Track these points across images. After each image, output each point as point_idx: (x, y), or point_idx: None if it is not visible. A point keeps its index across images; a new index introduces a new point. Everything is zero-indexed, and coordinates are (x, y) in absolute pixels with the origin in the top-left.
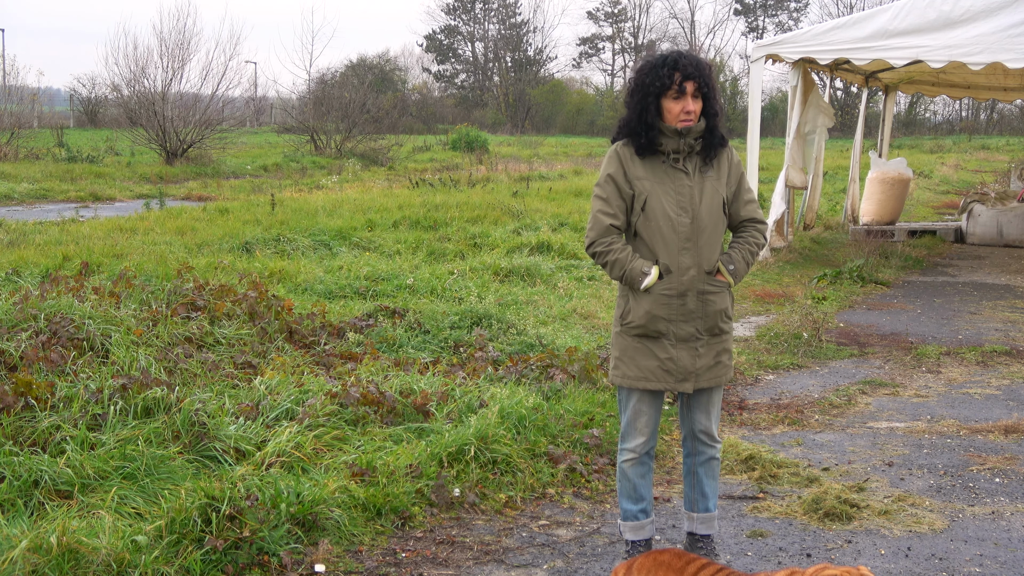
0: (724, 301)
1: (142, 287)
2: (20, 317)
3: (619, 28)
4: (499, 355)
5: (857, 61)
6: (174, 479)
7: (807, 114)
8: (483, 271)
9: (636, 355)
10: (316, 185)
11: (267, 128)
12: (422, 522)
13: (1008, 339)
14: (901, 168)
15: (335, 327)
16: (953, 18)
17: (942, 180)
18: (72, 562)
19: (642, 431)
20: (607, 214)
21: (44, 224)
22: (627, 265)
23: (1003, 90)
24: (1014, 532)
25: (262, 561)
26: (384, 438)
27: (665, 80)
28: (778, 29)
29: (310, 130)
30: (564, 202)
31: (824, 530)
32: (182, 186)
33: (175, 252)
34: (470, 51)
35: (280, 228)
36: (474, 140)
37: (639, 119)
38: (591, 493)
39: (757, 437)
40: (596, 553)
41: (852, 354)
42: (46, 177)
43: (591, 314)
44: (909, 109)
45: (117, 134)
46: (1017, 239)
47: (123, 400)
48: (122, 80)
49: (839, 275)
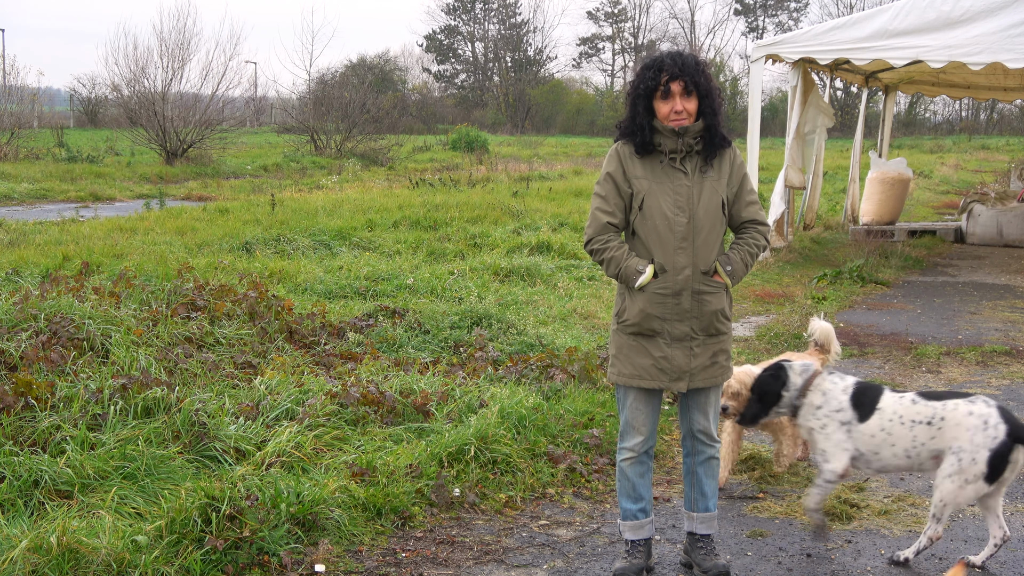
0: (720, 301)
1: (142, 287)
2: (20, 317)
3: (619, 28)
4: (499, 355)
5: (857, 61)
6: (174, 479)
7: (807, 114)
8: (483, 271)
9: (631, 353)
10: (316, 185)
11: (267, 128)
12: (422, 522)
13: (1008, 339)
14: (901, 168)
15: (335, 327)
16: (953, 18)
17: (942, 180)
18: (72, 562)
19: (640, 430)
20: (605, 212)
21: (44, 224)
22: (622, 263)
23: (1003, 90)
24: (1014, 532)
25: (262, 561)
26: (384, 438)
27: (651, 82)
28: (778, 29)
29: (310, 130)
30: (564, 202)
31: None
32: (182, 186)
33: (175, 252)
34: (470, 51)
35: (280, 228)
36: (474, 140)
37: (632, 120)
38: (591, 493)
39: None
40: (596, 553)
41: (852, 354)
42: (46, 177)
43: (591, 314)
44: (909, 109)
45: (117, 134)
46: (1017, 239)
47: (123, 400)
48: (122, 80)
49: (839, 275)
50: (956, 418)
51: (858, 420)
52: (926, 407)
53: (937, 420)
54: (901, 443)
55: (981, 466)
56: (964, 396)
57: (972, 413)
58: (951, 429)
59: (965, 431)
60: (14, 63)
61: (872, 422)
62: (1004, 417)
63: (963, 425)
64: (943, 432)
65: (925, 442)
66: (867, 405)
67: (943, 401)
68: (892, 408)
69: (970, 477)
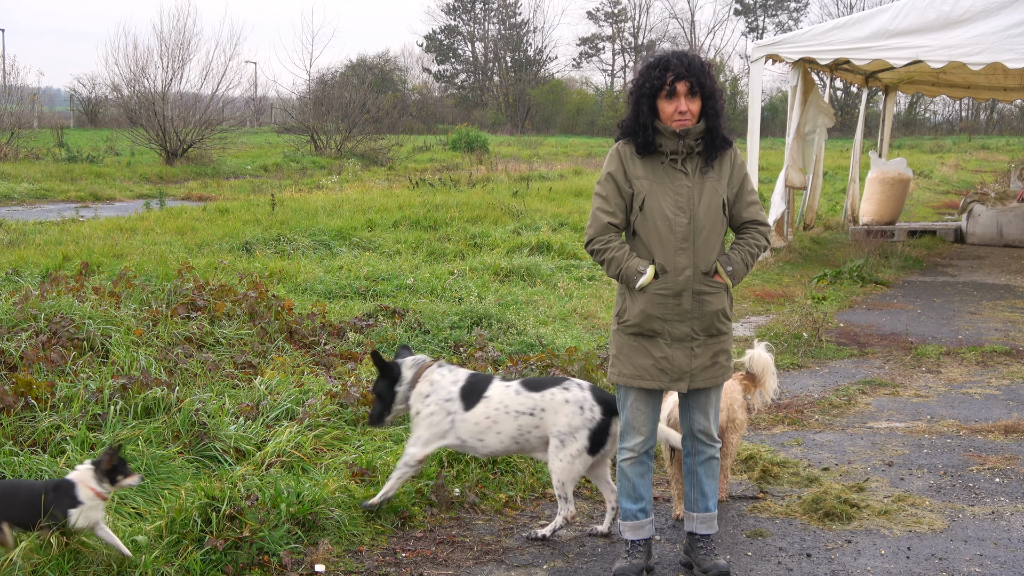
0: (721, 302)
1: (142, 287)
2: (20, 317)
3: (619, 28)
4: (499, 355)
5: (857, 61)
6: (174, 479)
7: (807, 114)
8: (483, 271)
9: (632, 353)
10: (316, 185)
11: (267, 128)
12: (422, 522)
13: (1008, 339)
14: (901, 168)
15: (335, 327)
16: (953, 18)
17: (942, 180)
18: (72, 562)
19: (640, 430)
20: (606, 212)
21: (44, 224)
22: (623, 263)
23: (1003, 90)
24: (1014, 532)
25: (262, 561)
26: (384, 438)
27: (656, 81)
28: (778, 29)
29: (310, 130)
30: (564, 202)
31: (824, 530)
32: (182, 186)
33: (175, 252)
34: (470, 51)
35: (280, 228)
36: (474, 140)
37: (635, 120)
38: (591, 493)
39: (757, 437)
40: (596, 553)
41: (852, 354)
42: (46, 177)
43: (591, 314)
44: (909, 109)
45: (117, 134)
46: (1017, 239)
47: (123, 400)
48: (122, 80)
49: (839, 275)
50: (554, 406)
51: (464, 409)
52: (528, 398)
53: (538, 411)
54: (507, 431)
55: (583, 442)
56: (560, 383)
57: (568, 400)
58: (551, 416)
59: (564, 417)
60: (14, 63)
61: (478, 410)
62: (597, 398)
63: (561, 412)
64: (544, 420)
65: (531, 429)
66: (474, 395)
67: (542, 392)
68: (498, 398)
69: (575, 453)
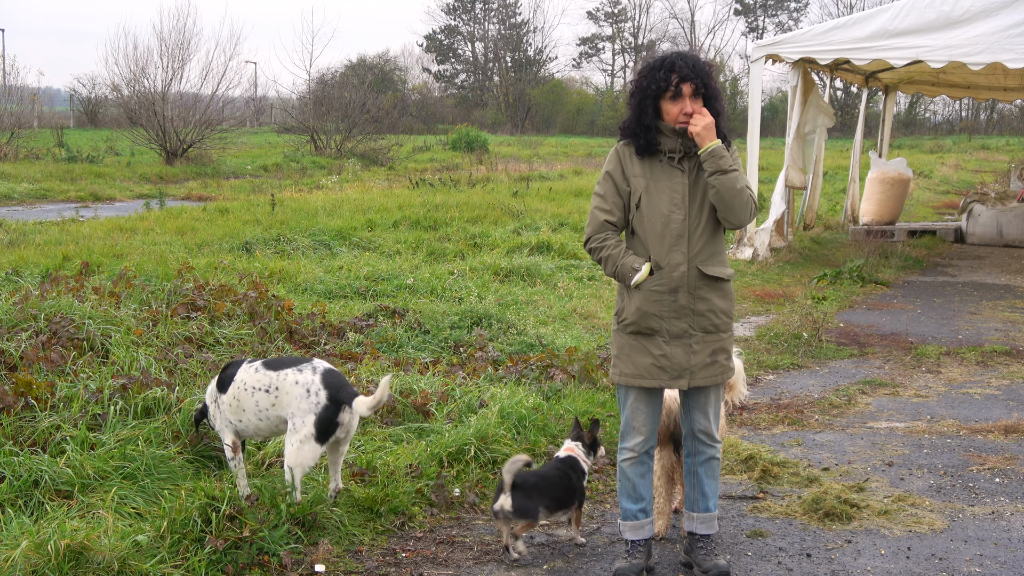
0: (718, 298)
1: (142, 287)
2: (20, 317)
3: (619, 28)
4: (499, 355)
5: (857, 61)
6: (174, 479)
7: (807, 114)
8: (483, 271)
9: (632, 352)
10: (316, 185)
11: (267, 128)
12: (422, 522)
13: (1008, 339)
14: (901, 168)
15: (335, 327)
16: (953, 18)
17: (942, 180)
18: (72, 562)
19: (640, 430)
20: (603, 210)
21: (44, 224)
22: (619, 261)
23: (1003, 90)
24: (1014, 532)
25: (262, 561)
26: (384, 438)
27: (661, 82)
28: (778, 29)
29: (310, 130)
30: (564, 202)
31: (824, 530)
32: (182, 186)
33: (175, 252)
34: (470, 51)
35: (280, 228)
36: (474, 140)
37: (638, 121)
38: (591, 493)
39: (757, 437)
40: (596, 553)
41: (852, 354)
42: (46, 177)
43: (591, 314)
44: (909, 109)
45: (117, 134)
46: (1017, 239)
47: (123, 400)
48: (122, 80)
49: (839, 275)
50: (286, 387)
51: (220, 393)
52: (265, 376)
53: (273, 389)
54: (250, 409)
55: (310, 428)
56: (298, 363)
57: (298, 382)
58: (284, 397)
59: (294, 399)
60: (14, 63)
61: (229, 391)
62: (325, 383)
63: (292, 393)
64: (280, 400)
65: (268, 408)
66: (228, 379)
67: (278, 371)
68: (242, 377)
69: (303, 438)
